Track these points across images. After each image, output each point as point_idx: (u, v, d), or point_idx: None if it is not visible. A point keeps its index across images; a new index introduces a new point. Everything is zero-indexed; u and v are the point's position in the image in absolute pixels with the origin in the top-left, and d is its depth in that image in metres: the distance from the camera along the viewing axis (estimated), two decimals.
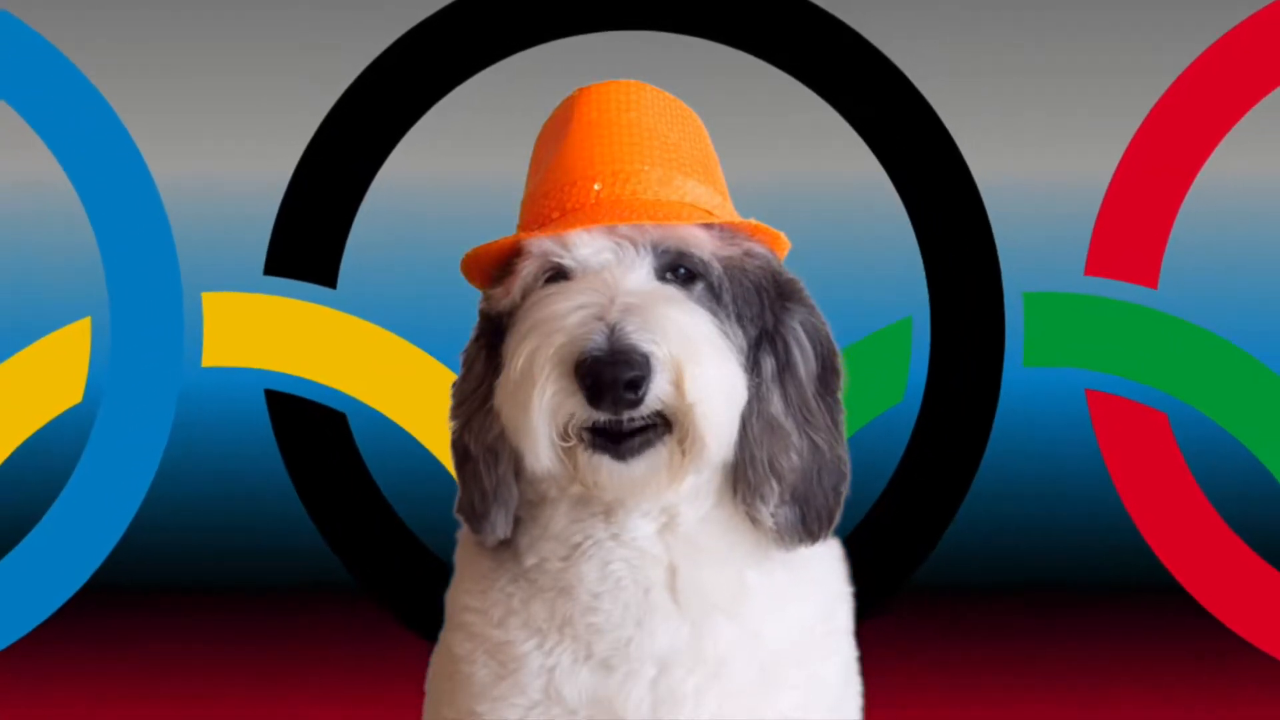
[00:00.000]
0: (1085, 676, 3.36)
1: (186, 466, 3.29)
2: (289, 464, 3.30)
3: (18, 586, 3.24)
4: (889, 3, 3.36)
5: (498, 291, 2.03)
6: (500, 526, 2.06)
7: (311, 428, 3.31)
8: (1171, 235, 3.25)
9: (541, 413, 1.89)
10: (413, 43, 3.29)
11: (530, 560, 2.06)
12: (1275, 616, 3.24)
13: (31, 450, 3.27)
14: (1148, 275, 3.26)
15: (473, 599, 2.10)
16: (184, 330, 3.24)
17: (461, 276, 2.10)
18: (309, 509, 3.30)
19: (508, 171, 2.19)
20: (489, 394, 2.03)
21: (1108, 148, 3.25)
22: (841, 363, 2.10)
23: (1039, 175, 3.32)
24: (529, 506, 2.08)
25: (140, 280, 3.23)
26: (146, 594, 3.34)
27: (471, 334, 2.12)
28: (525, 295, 2.00)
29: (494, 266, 2.07)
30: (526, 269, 2.00)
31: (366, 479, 3.30)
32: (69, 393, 3.26)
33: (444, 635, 2.16)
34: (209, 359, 3.27)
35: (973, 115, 3.30)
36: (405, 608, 3.21)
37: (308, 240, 3.30)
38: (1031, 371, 3.26)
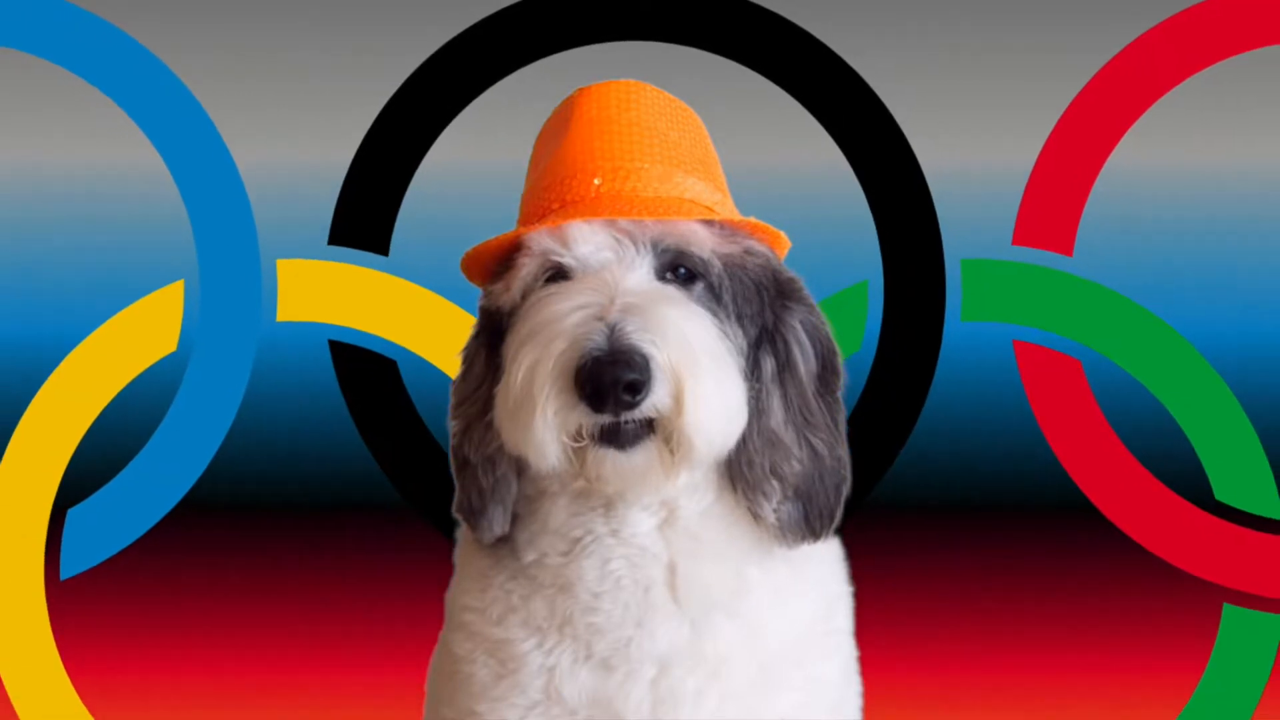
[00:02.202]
0: (1009, 580, 3.35)
1: (263, 404, 3.30)
2: (349, 402, 3.32)
3: (123, 504, 3.27)
4: (854, 21, 3.33)
5: (498, 287, 1.91)
6: (498, 523, 1.94)
7: (367, 372, 3.32)
8: (1084, 212, 3.26)
9: (547, 429, 1.77)
10: (455, 49, 3.28)
11: (529, 556, 1.94)
12: (1167, 526, 3.25)
13: (135, 390, 3.29)
14: (1065, 245, 3.26)
15: (472, 598, 1.97)
16: (261, 290, 3.26)
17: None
18: (365, 439, 3.32)
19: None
20: (488, 399, 1.90)
21: (1031, 138, 3.26)
22: (841, 362, 1.95)
23: (974, 161, 3.32)
24: (527, 501, 1.95)
25: (224, 249, 3.26)
26: (231, 510, 3.35)
27: (471, 331, 2.00)
28: (525, 294, 1.87)
29: (495, 262, 1.94)
30: (527, 267, 1.87)
31: (413, 414, 3.32)
32: (166, 342, 3.28)
33: (444, 635, 2.04)
34: (282, 314, 3.29)
35: (919, 112, 3.30)
36: (443, 521, 2.82)
37: (365, 215, 3.30)
38: (968, 325, 3.27)
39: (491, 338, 1.93)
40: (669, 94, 2.01)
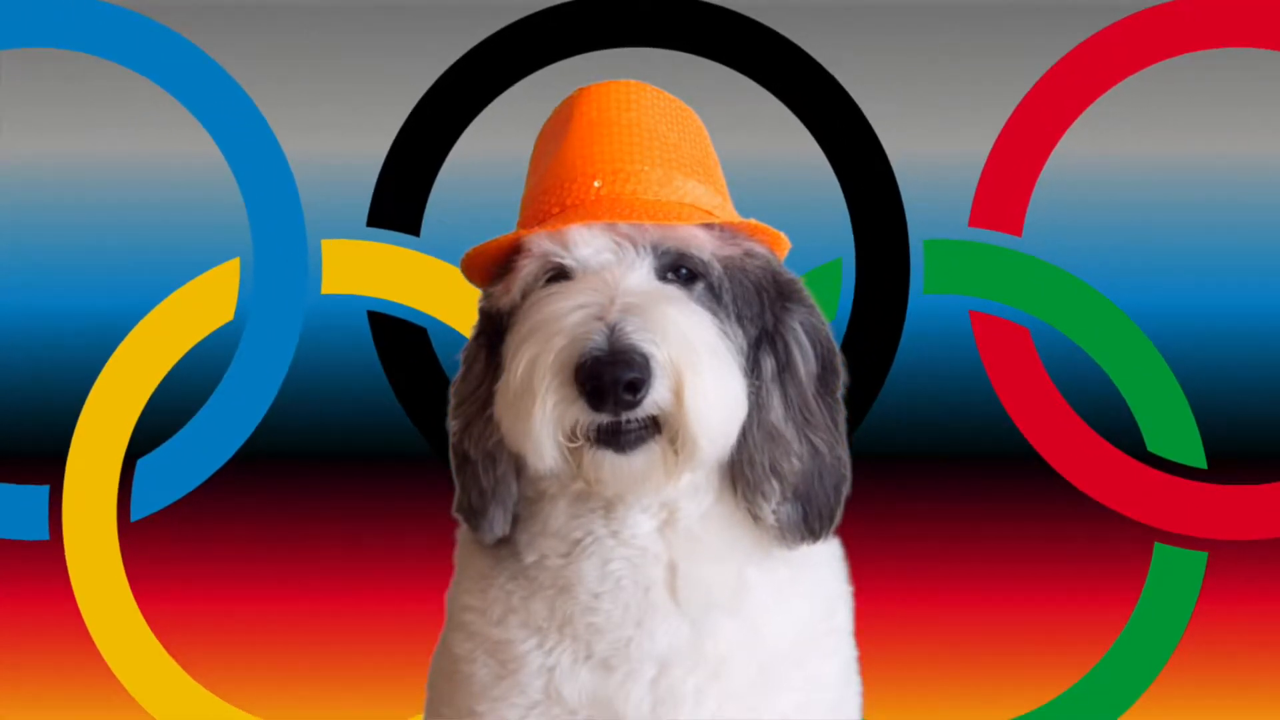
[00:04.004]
0: (965, 522, 3.47)
1: (310, 368, 3.41)
2: (385, 365, 3.44)
3: (186, 455, 3.41)
4: (830, 29, 3.41)
5: (498, 289, 1.86)
6: (499, 524, 1.88)
7: (401, 338, 3.43)
8: (1033, 197, 3.37)
9: (545, 423, 1.70)
10: (480, 53, 3.40)
11: (530, 557, 1.88)
12: (1105, 474, 3.38)
13: (196, 355, 3.41)
14: (1015, 226, 3.37)
15: (472, 598, 1.91)
16: (307, 267, 3.37)
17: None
18: (399, 398, 3.43)
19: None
20: (488, 397, 1.84)
21: (986, 131, 3.37)
22: (841, 363, 1.91)
23: (935, 151, 3.40)
24: (527, 503, 1.89)
25: (275, 229, 3.38)
26: (281, 461, 3.47)
27: (471, 332, 1.94)
28: (525, 294, 1.82)
29: (494, 264, 1.89)
30: (527, 268, 1.81)
31: (441, 375, 3.42)
32: (224, 312, 3.41)
33: (444, 635, 1.99)
34: (326, 288, 3.39)
35: (886, 106, 3.40)
36: None
37: (400, 200, 3.40)
38: (929, 298, 3.38)
39: (491, 339, 1.88)
40: (669, 94, 1.98)
